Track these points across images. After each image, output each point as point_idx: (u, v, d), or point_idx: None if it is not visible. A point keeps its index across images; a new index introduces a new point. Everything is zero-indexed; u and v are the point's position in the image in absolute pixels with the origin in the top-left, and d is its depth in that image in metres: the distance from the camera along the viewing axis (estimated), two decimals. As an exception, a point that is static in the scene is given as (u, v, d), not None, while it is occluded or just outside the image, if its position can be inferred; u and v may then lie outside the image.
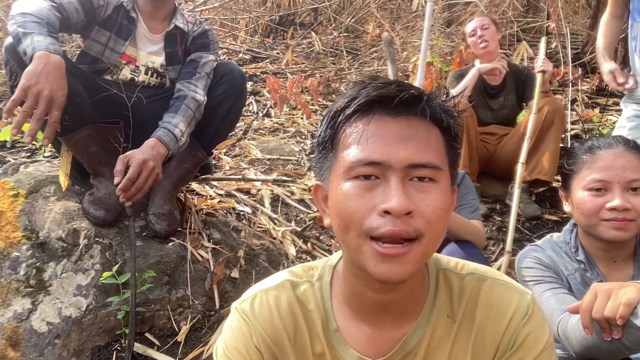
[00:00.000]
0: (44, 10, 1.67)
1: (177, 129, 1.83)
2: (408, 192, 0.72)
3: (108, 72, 1.96)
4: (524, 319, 0.82)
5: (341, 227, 0.75)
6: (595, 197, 1.30)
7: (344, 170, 0.75)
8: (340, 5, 6.28)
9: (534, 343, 0.81)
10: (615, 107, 4.40)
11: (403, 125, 0.75)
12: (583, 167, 1.34)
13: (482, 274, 0.87)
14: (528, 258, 1.41)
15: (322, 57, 5.53)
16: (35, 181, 1.93)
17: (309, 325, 0.86)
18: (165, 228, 1.91)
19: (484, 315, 0.83)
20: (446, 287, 0.86)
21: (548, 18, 3.91)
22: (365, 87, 0.77)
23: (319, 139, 0.83)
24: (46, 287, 1.74)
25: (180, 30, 2.00)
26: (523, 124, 2.88)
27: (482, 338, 0.83)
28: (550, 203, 3.05)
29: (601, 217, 1.29)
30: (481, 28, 3.00)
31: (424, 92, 0.78)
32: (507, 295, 0.84)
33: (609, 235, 1.29)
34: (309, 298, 0.87)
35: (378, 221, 0.71)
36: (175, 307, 1.82)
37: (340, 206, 0.75)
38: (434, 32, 5.14)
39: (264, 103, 4.48)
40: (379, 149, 0.73)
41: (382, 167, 0.73)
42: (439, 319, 0.84)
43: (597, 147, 1.34)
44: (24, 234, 1.82)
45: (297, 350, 0.86)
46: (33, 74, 1.50)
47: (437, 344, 0.84)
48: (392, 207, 0.70)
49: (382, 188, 0.73)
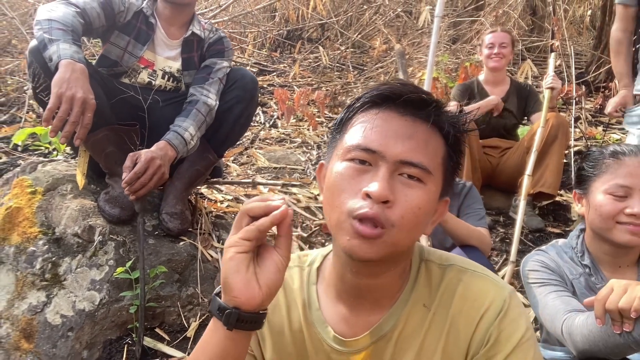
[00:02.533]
0: (69, 17, 1.74)
1: (187, 132, 1.89)
2: (393, 184, 0.77)
3: (126, 75, 2.03)
4: (499, 314, 0.83)
5: (329, 203, 0.81)
6: (616, 201, 1.32)
7: (343, 151, 0.82)
8: (348, 21, 6.40)
9: (508, 338, 0.82)
10: (619, 125, 4.46)
11: (407, 124, 0.80)
12: (607, 171, 1.36)
13: (464, 265, 0.89)
14: (533, 261, 1.44)
15: (329, 72, 5.63)
16: (53, 179, 1.99)
17: (288, 302, 0.93)
18: (177, 227, 1.96)
19: (460, 306, 0.85)
20: (426, 277, 0.89)
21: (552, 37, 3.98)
22: (385, 84, 0.84)
23: (334, 125, 0.90)
24: (61, 281, 1.79)
25: (197, 36, 2.07)
26: (527, 138, 2.93)
27: (456, 328, 0.85)
28: (554, 216, 3.08)
29: (617, 220, 1.31)
30: (499, 45, 3.07)
31: (436, 100, 0.83)
32: (484, 289, 0.85)
33: (623, 239, 1.31)
34: (294, 280, 0.94)
35: (360, 203, 0.76)
36: (185, 304, 1.86)
37: (332, 183, 0.81)
38: (440, 48, 5.24)
39: (270, 114, 4.56)
40: (378, 139, 0.79)
41: (376, 156, 0.78)
42: (415, 307, 0.87)
43: (622, 153, 1.36)
44: (40, 230, 1.87)
45: (271, 324, 0.93)
46: (63, 81, 1.58)
47: (412, 331, 0.86)
48: (372, 192, 0.75)
49: (371, 174, 0.78)
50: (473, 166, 2.92)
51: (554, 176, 2.86)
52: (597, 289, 1.37)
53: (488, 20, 5.16)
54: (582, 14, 6.72)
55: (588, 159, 1.44)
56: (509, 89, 3.16)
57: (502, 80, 3.19)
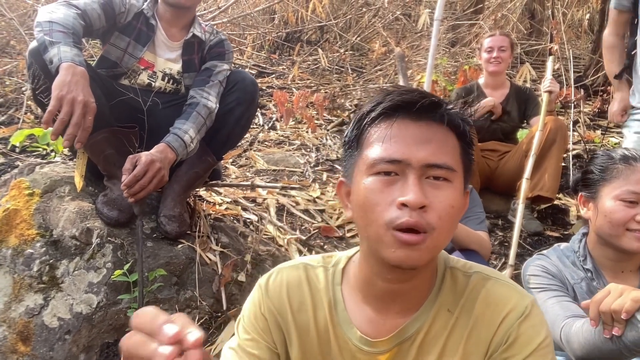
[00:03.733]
0: (70, 19, 1.74)
1: (186, 135, 1.89)
2: (423, 189, 0.79)
3: (126, 76, 2.03)
4: (520, 318, 0.85)
5: (363, 218, 0.82)
6: (627, 207, 1.32)
7: (367, 166, 0.83)
8: (347, 23, 6.40)
9: (528, 342, 0.84)
10: (617, 129, 4.47)
11: (423, 128, 0.82)
12: (618, 176, 1.35)
13: (487, 273, 0.92)
14: (534, 266, 1.44)
15: (328, 74, 5.62)
16: (51, 181, 1.98)
17: (314, 302, 0.94)
18: (175, 229, 1.95)
19: (482, 311, 0.87)
20: (452, 283, 0.91)
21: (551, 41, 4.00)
22: (390, 93, 0.85)
23: (346, 138, 0.91)
24: (58, 284, 1.78)
25: (198, 39, 2.07)
26: (526, 141, 2.94)
27: (478, 332, 0.87)
28: (552, 220, 3.09)
29: (627, 227, 1.31)
30: (498, 49, 3.07)
31: (444, 100, 0.85)
32: (507, 294, 0.88)
33: (632, 246, 1.31)
34: (320, 280, 0.96)
35: (396, 213, 0.78)
36: (183, 308, 1.85)
37: (362, 199, 0.82)
38: (439, 51, 5.25)
39: (269, 116, 4.56)
40: (400, 148, 0.81)
41: (401, 165, 0.80)
42: (440, 312, 0.89)
43: (634, 159, 1.36)
44: (38, 232, 1.86)
45: (298, 322, 0.94)
46: (64, 84, 1.57)
47: (435, 334, 0.89)
48: (409, 200, 0.77)
49: (400, 184, 0.80)
50: (472, 170, 2.92)
51: (552, 180, 2.86)
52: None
53: (487, 23, 5.17)
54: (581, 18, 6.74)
55: (596, 163, 1.43)
56: (508, 93, 3.16)
57: (502, 83, 3.19)
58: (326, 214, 2.86)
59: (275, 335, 0.95)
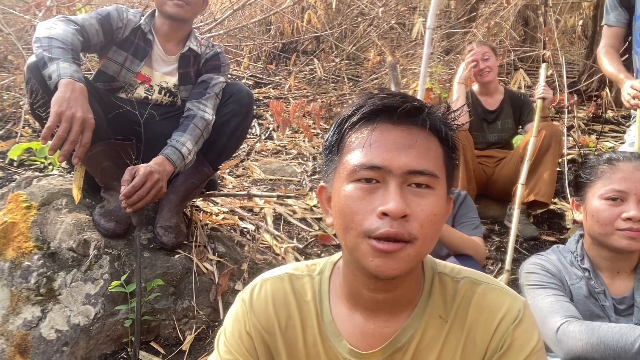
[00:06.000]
0: (69, 35, 1.76)
1: (184, 147, 1.91)
2: (405, 197, 0.77)
3: (123, 90, 2.05)
4: (514, 323, 0.84)
5: (342, 226, 0.80)
6: (612, 206, 1.35)
7: (348, 173, 0.80)
8: (342, 33, 6.44)
9: (522, 346, 0.83)
10: (612, 133, 4.50)
11: (404, 133, 0.80)
12: (602, 177, 1.39)
13: (477, 278, 0.90)
14: (532, 264, 1.46)
15: (324, 83, 5.66)
16: (48, 194, 2.00)
17: (302, 316, 0.90)
18: (172, 240, 1.96)
19: (475, 317, 0.86)
20: (441, 289, 0.89)
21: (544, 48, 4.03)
22: (371, 97, 0.83)
23: (326, 143, 0.88)
24: (56, 296, 1.79)
25: (194, 52, 2.10)
26: (521, 147, 2.96)
27: (473, 340, 0.85)
28: (548, 225, 3.10)
29: (616, 226, 1.33)
30: (482, 59, 3.10)
31: (425, 104, 0.83)
32: (499, 299, 0.87)
33: (621, 245, 1.33)
34: (307, 290, 0.92)
35: (377, 222, 0.76)
36: (180, 317, 1.86)
37: (342, 207, 0.80)
38: (433, 59, 5.28)
39: (266, 126, 4.58)
40: (381, 154, 0.78)
41: (382, 172, 0.78)
42: (431, 319, 0.87)
43: (617, 159, 1.39)
44: (35, 244, 1.87)
45: (286, 340, 0.90)
46: (63, 100, 1.59)
47: (428, 343, 0.86)
48: (390, 210, 0.75)
49: (381, 192, 0.78)
50: (468, 177, 2.94)
51: (547, 185, 2.88)
52: (596, 293, 1.38)
53: (480, 31, 5.21)
54: (574, 24, 6.80)
55: (584, 167, 1.46)
56: (503, 99, 3.19)
57: (496, 90, 3.22)
58: (323, 223, 2.88)
59: (262, 354, 0.90)
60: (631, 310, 1.38)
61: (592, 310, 1.37)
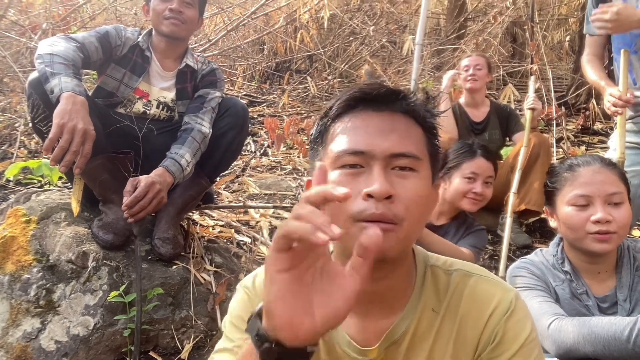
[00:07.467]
0: (70, 52, 1.83)
1: (183, 159, 1.96)
2: (389, 179, 0.79)
3: (122, 105, 2.11)
4: (506, 314, 0.85)
5: (329, 214, 0.82)
6: (580, 211, 1.39)
7: (332, 160, 0.82)
8: (335, 52, 6.56)
9: (515, 338, 0.84)
10: (600, 144, 4.59)
11: (385, 119, 0.83)
12: (565, 184, 1.44)
13: (469, 270, 0.91)
14: (519, 268, 1.49)
15: (317, 101, 5.74)
16: (47, 208, 2.03)
17: None
18: (169, 251, 1.99)
19: (467, 309, 0.86)
20: (433, 282, 0.90)
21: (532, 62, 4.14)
22: (352, 89, 0.87)
23: (312, 137, 0.90)
24: (55, 307, 1.81)
25: (191, 68, 2.17)
26: (511, 157, 3.02)
27: (464, 331, 0.86)
28: (540, 233, 3.15)
29: (587, 230, 1.37)
30: (474, 67, 3.19)
31: (403, 90, 0.87)
32: (491, 291, 0.87)
33: (594, 248, 1.38)
34: None
35: (363, 205, 0.77)
36: (178, 327, 1.88)
37: None
38: (424, 75, 5.39)
39: (261, 143, 4.64)
40: (363, 139, 0.81)
41: (366, 157, 0.80)
42: (424, 312, 0.88)
43: (577, 165, 1.45)
44: (34, 257, 1.89)
45: None
46: (65, 113, 1.65)
47: (421, 335, 0.87)
48: (374, 190, 0.76)
49: (366, 175, 0.79)
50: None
51: (538, 193, 2.93)
52: (579, 294, 1.42)
53: (469, 47, 5.33)
54: (561, 40, 6.95)
55: (550, 175, 1.52)
56: (489, 110, 3.27)
57: (482, 102, 3.30)
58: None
59: None
60: (615, 309, 1.41)
61: (578, 309, 1.41)
